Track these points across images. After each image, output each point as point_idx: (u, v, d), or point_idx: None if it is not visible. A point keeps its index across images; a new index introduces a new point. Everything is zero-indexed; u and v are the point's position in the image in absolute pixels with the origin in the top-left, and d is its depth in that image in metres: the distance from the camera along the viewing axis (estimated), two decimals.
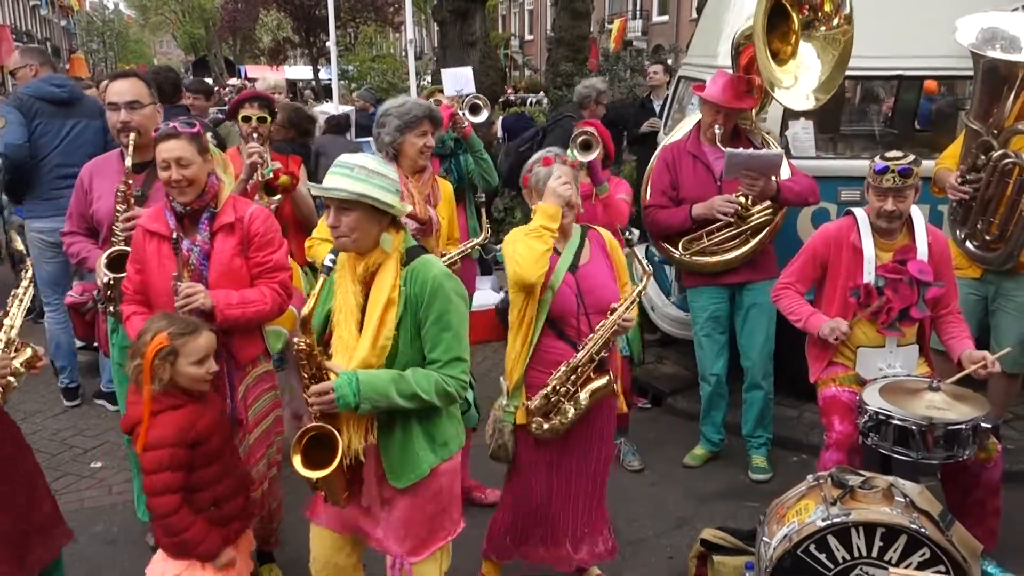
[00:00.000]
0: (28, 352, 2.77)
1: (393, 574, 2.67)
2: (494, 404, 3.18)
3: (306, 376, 2.42)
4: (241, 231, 3.02)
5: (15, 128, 4.75)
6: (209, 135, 3.48)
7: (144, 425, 2.61)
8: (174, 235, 2.93)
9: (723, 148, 4.03)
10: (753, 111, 4.35)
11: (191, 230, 3.00)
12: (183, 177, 2.88)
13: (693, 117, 4.58)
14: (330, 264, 2.37)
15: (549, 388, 3.01)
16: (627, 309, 3.02)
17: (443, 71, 5.34)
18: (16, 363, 2.71)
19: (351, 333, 2.46)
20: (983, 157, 3.91)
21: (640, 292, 3.10)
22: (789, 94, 4.09)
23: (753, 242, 4.10)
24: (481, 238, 4.06)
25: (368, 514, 2.66)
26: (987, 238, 3.97)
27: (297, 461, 2.40)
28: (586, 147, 4.09)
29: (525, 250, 2.93)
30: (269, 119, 4.17)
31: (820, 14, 4.10)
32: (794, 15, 4.12)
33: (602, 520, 3.31)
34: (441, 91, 5.25)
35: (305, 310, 2.36)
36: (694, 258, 4.21)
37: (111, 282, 3.14)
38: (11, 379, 2.69)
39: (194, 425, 2.64)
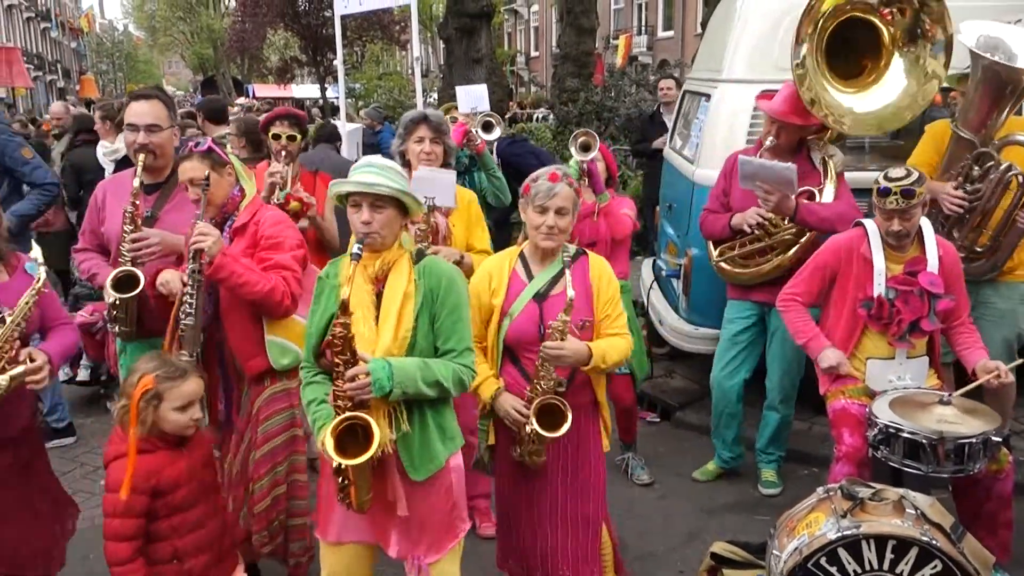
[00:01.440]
0: (19, 369, 2.59)
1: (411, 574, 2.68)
2: None
3: (340, 362, 2.43)
4: (254, 233, 3.11)
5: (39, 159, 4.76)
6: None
7: (130, 463, 2.46)
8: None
9: (741, 157, 3.97)
10: (831, 132, 4.17)
11: None
12: (199, 196, 3.02)
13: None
14: (359, 251, 2.44)
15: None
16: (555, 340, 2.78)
17: (458, 88, 5.26)
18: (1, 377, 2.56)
19: (370, 328, 2.52)
20: (977, 167, 3.87)
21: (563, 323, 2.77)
22: (837, 108, 3.90)
23: (776, 260, 3.99)
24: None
25: (384, 518, 2.66)
26: (977, 249, 3.94)
27: (330, 446, 2.37)
28: (585, 148, 4.19)
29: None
30: (299, 137, 4.21)
31: (923, 21, 3.80)
32: (883, 27, 3.87)
33: (587, 560, 3.06)
34: (456, 107, 5.25)
35: (344, 293, 2.40)
36: (723, 265, 4.16)
37: (116, 302, 3.16)
38: None
39: (156, 474, 2.49)
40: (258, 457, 3.15)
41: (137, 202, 3.22)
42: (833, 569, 2.74)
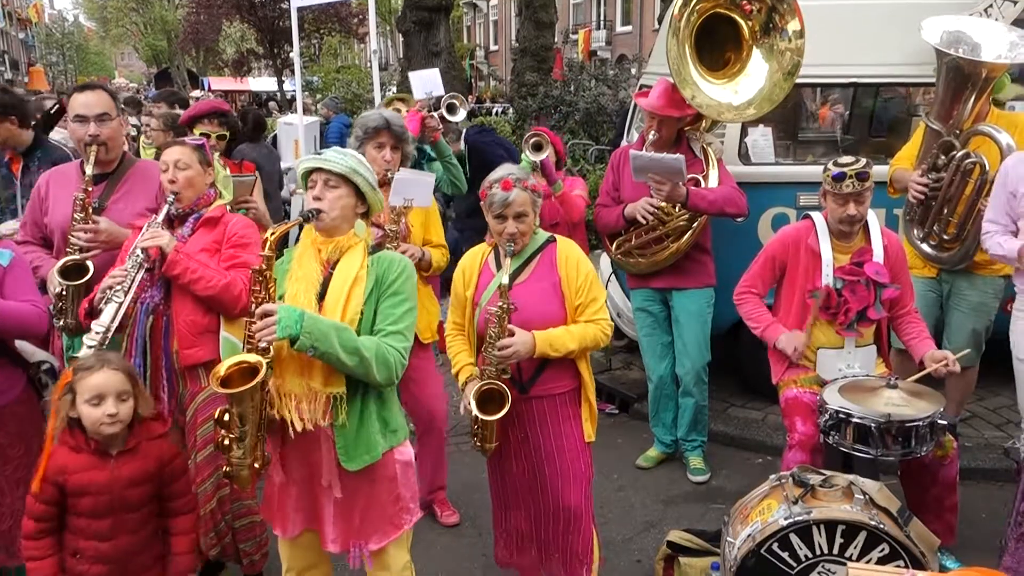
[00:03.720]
0: None
1: (352, 561, 2.68)
2: None
3: (254, 302, 2.41)
4: (222, 230, 3.11)
5: None
6: None
7: (45, 452, 2.51)
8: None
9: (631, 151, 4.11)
10: (705, 122, 4.36)
11: (178, 228, 3.10)
12: (177, 179, 3.02)
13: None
14: (312, 211, 2.52)
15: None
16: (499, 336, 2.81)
17: (411, 74, 5.22)
18: None
19: (310, 303, 2.51)
20: (943, 157, 3.99)
21: (504, 310, 2.81)
22: (716, 106, 4.07)
23: (672, 247, 4.14)
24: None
25: (322, 507, 2.66)
26: (944, 238, 4.05)
27: (215, 380, 2.32)
28: (537, 148, 4.41)
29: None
30: (228, 135, 4.14)
31: (775, 17, 4.03)
32: (743, 23, 4.07)
33: (576, 548, 3.06)
34: (401, 99, 5.21)
35: (276, 233, 2.46)
36: (622, 257, 4.32)
37: (63, 292, 3.09)
38: None
39: (64, 472, 2.46)
40: (200, 460, 3.10)
41: (89, 189, 3.19)
42: (785, 554, 2.80)
